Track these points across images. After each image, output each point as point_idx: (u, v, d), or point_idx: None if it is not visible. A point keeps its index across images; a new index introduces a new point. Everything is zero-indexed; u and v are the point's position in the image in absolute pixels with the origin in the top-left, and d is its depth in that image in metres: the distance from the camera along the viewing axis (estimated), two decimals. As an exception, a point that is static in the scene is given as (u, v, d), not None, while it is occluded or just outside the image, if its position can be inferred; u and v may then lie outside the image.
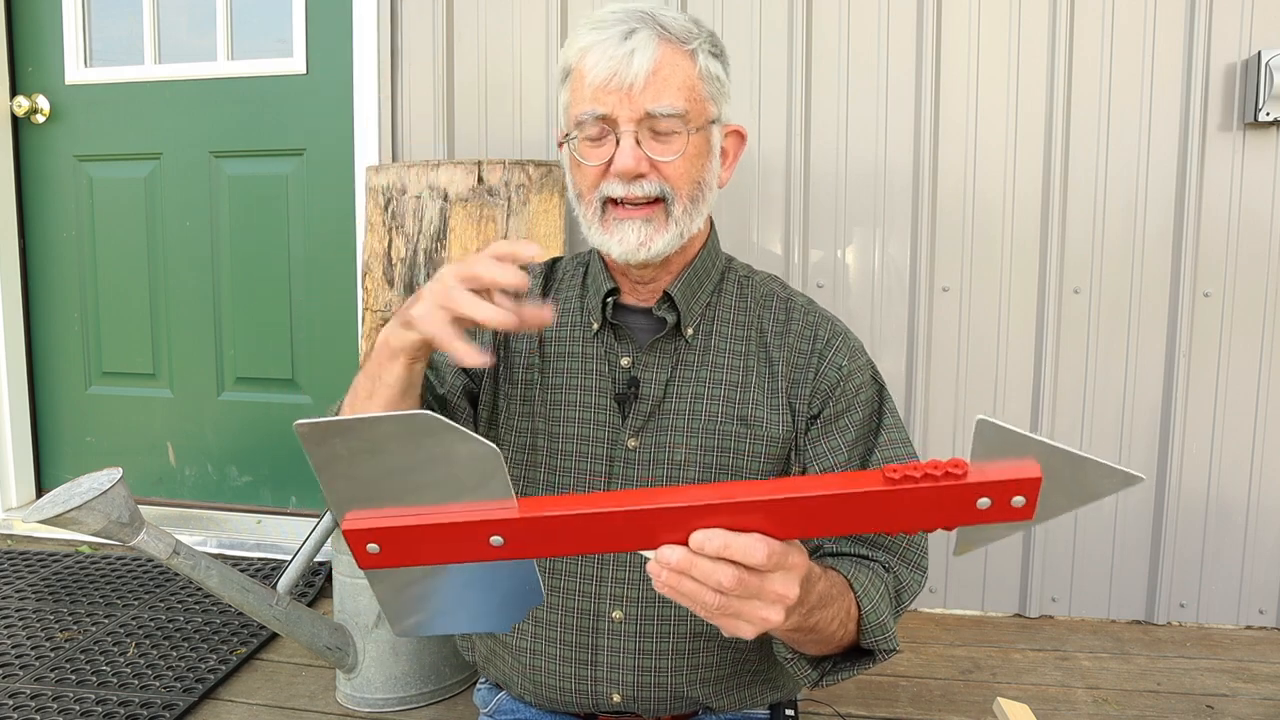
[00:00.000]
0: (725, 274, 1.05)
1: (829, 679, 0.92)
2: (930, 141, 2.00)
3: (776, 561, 0.61)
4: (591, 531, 0.59)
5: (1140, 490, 2.02)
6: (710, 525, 0.60)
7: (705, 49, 0.94)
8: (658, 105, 0.89)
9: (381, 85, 2.22)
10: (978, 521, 0.58)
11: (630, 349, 1.00)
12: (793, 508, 0.59)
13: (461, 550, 0.59)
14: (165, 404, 2.65)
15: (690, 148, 0.92)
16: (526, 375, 1.03)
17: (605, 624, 0.99)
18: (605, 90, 0.90)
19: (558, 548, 0.60)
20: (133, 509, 1.33)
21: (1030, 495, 0.56)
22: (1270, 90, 1.83)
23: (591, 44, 0.91)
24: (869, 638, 0.89)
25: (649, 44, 0.90)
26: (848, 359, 1.00)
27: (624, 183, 0.91)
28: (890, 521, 0.58)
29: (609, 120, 0.90)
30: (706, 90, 0.94)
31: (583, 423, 1.00)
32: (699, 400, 0.98)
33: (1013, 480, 0.56)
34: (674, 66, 0.91)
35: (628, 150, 0.90)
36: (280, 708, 1.63)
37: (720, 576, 0.60)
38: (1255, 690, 1.72)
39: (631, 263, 0.95)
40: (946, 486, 0.56)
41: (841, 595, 0.85)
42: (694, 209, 0.95)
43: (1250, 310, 1.95)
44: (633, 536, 0.61)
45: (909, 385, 2.06)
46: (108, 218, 2.61)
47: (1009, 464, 0.56)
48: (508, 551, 0.59)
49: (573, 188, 0.98)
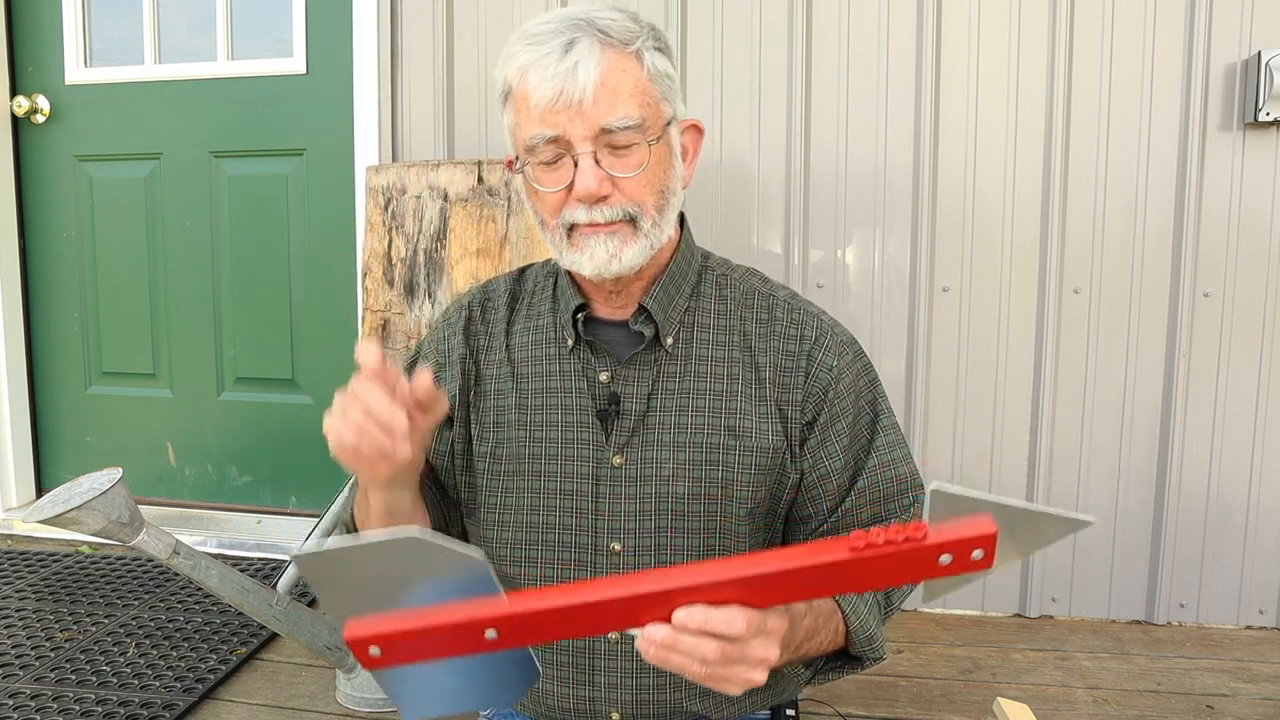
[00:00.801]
0: (702, 273, 1.01)
1: (820, 678, 0.96)
2: (930, 141, 2.00)
3: (755, 630, 0.66)
4: (578, 619, 0.65)
5: (1140, 490, 2.02)
6: (690, 602, 0.64)
7: (650, 46, 0.88)
8: (612, 119, 0.85)
9: (381, 85, 2.22)
10: (941, 575, 0.62)
11: (608, 363, 0.96)
12: (765, 582, 0.64)
13: (458, 645, 0.64)
14: (165, 404, 2.65)
15: (652, 159, 0.88)
16: (499, 400, 0.99)
17: (603, 643, 0.97)
18: (553, 110, 0.85)
19: (548, 635, 0.65)
20: (133, 509, 1.33)
21: (988, 549, 0.60)
22: (1270, 90, 1.83)
23: (531, 62, 0.86)
24: (856, 649, 0.92)
25: (592, 53, 0.84)
26: (837, 358, 0.96)
27: (587, 207, 0.87)
28: (859, 583, 0.63)
29: (562, 141, 0.86)
30: (658, 91, 0.89)
31: (565, 442, 0.96)
32: (684, 413, 0.94)
33: (971, 538, 0.60)
34: (622, 73, 0.85)
35: (588, 172, 0.85)
36: (280, 708, 1.63)
37: (704, 651, 0.65)
38: (1255, 690, 1.72)
39: (605, 276, 0.91)
40: (909, 550, 0.60)
41: (828, 619, 0.88)
42: (662, 219, 0.91)
43: (1250, 310, 1.95)
44: (618, 619, 0.66)
45: (909, 385, 2.06)
46: (108, 218, 2.61)
47: (966, 522, 0.60)
48: (502, 643, 0.64)
49: (534, 213, 0.94)
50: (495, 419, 0.99)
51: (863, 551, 0.60)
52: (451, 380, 1.01)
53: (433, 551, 0.60)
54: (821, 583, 0.63)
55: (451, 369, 1.01)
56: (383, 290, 1.90)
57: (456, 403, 1.00)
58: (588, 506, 0.95)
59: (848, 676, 0.97)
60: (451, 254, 1.84)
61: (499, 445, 0.99)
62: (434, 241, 1.84)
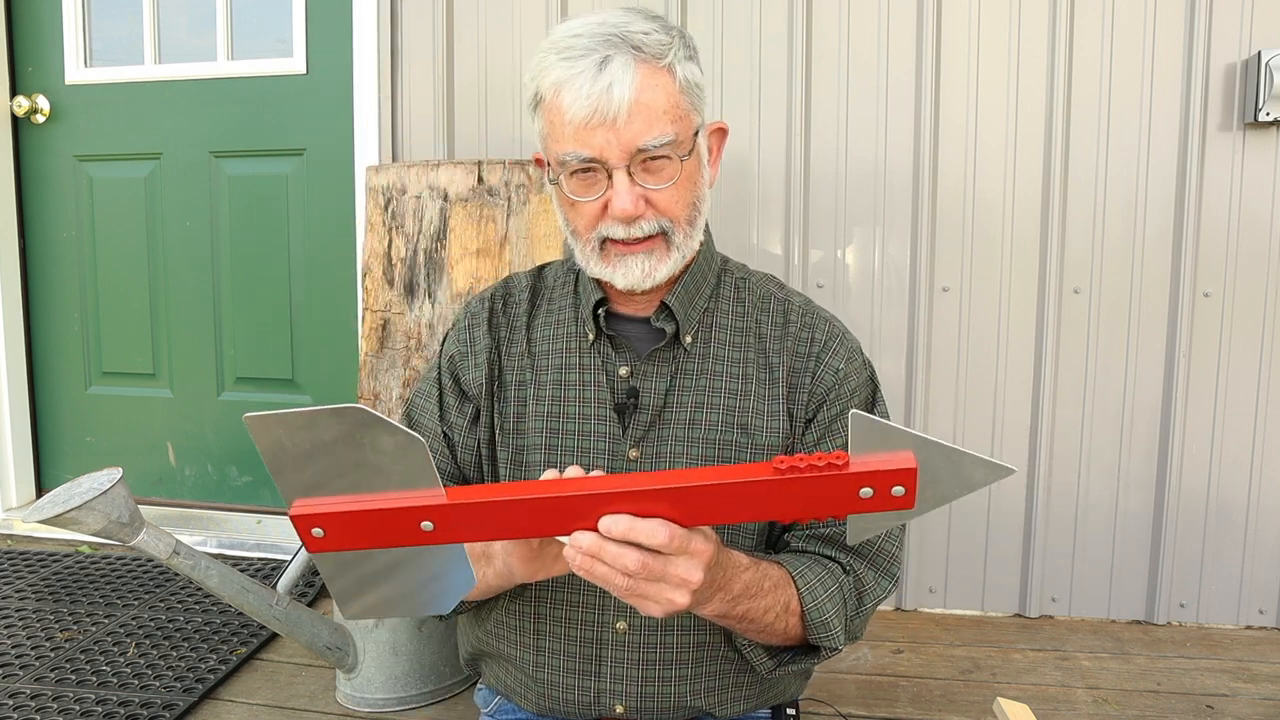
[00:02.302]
0: (721, 276, 1.04)
1: (783, 669, 0.97)
2: (930, 141, 2.00)
3: (679, 545, 0.68)
4: (510, 517, 0.67)
5: (1140, 490, 2.02)
6: (618, 511, 0.67)
7: (681, 57, 0.89)
8: (647, 139, 0.86)
9: (381, 85, 2.22)
10: (863, 510, 0.65)
11: (629, 358, 0.99)
12: (690, 495, 0.66)
13: (396, 535, 0.67)
14: (165, 404, 2.65)
15: (683, 174, 0.90)
16: (520, 391, 1.01)
17: (609, 635, 0.98)
18: (588, 129, 0.85)
19: (482, 533, 0.68)
20: (133, 509, 1.33)
21: (909, 485, 0.62)
22: (1270, 90, 1.83)
23: (565, 79, 0.86)
24: (812, 634, 0.92)
25: (627, 71, 0.85)
26: (844, 361, 0.99)
27: (624, 225, 0.89)
28: (784, 509, 0.65)
29: (597, 160, 0.87)
30: (689, 102, 0.90)
31: (582, 435, 0.98)
32: (699, 409, 0.97)
33: (891, 470, 0.62)
34: (655, 89, 0.86)
35: (624, 192, 0.87)
36: (280, 708, 1.63)
37: (626, 560, 0.67)
38: (1255, 690, 1.72)
39: (636, 291, 0.94)
40: (829, 476, 0.62)
41: (778, 588, 0.88)
42: (693, 230, 0.94)
43: (1250, 310, 1.95)
44: (549, 523, 0.69)
45: (909, 385, 2.06)
46: (108, 218, 2.61)
47: (887, 456, 0.62)
48: (438, 536, 0.67)
49: (565, 222, 0.95)
50: (516, 409, 1.01)
51: (785, 473, 0.63)
52: (477, 369, 1.03)
53: (375, 425, 0.63)
54: (747, 502, 0.65)
55: (477, 358, 1.03)
56: (383, 290, 1.90)
57: (483, 392, 1.02)
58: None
59: (847, 676, 0.97)
60: (451, 254, 1.84)
61: (519, 436, 1.01)
62: (434, 241, 1.84)
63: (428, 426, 1.05)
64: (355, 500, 0.65)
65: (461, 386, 1.04)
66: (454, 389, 1.04)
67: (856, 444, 0.63)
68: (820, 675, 1.75)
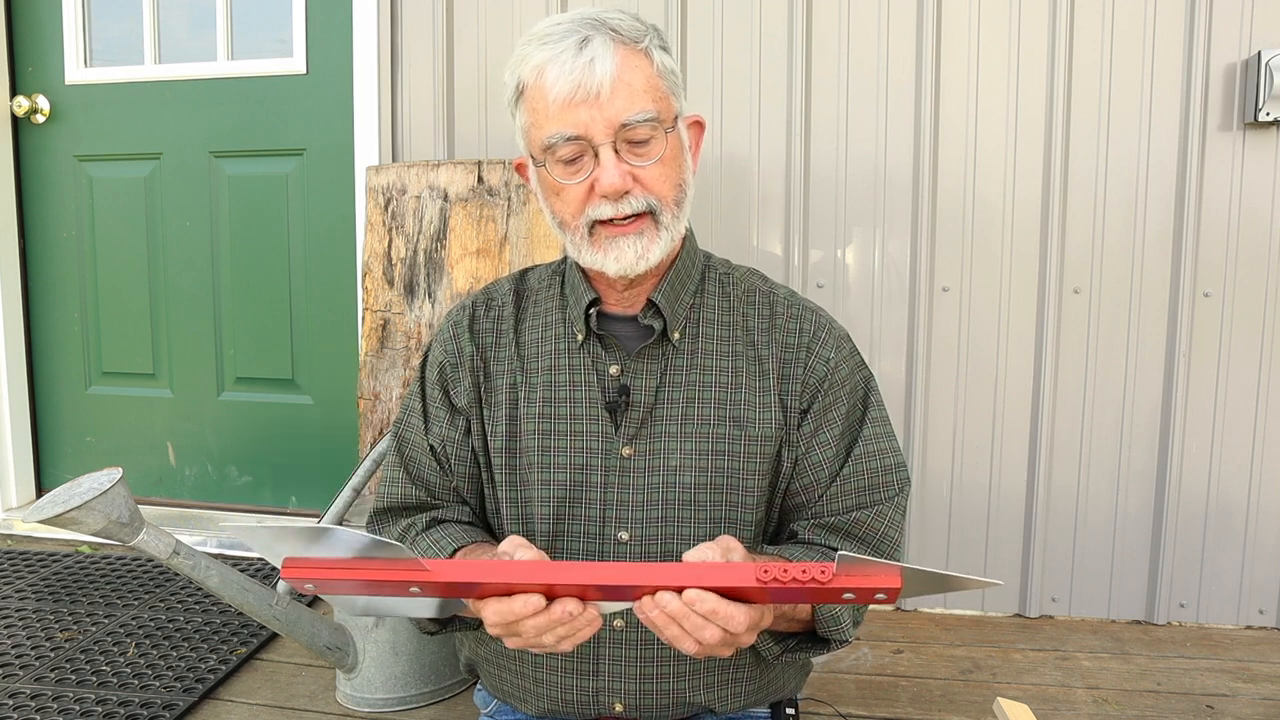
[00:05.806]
0: (705, 272, 1.04)
1: (789, 655, 0.98)
2: (930, 142, 2.00)
3: (751, 625, 0.73)
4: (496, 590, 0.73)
5: (1140, 490, 2.02)
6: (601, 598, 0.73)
7: (656, 44, 0.92)
8: (630, 113, 0.87)
9: (381, 85, 2.22)
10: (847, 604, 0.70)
11: (618, 357, 0.99)
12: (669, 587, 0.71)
13: (386, 591, 0.72)
14: (165, 404, 2.65)
15: (668, 150, 0.91)
16: (510, 394, 1.01)
17: (606, 633, 0.98)
18: (571, 105, 0.87)
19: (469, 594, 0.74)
20: (133, 509, 1.33)
21: (891, 596, 0.67)
22: (1270, 90, 1.83)
23: (547, 59, 0.88)
24: (822, 628, 0.93)
25: (606, 50, 0.87)
26: (834, 351, 1.00)
27: (612, 202, 0.89)
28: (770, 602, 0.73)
29: (583, 139, 0.88)
30: (666, 86, 0.92)
31: (575, 434, 0.98)
32: (691, 404, 0.97)
33: (875, 587, 0.66)
34: (634, 69, 0.88)
35: (611, 167, 0.88)
36: (280, 708, 1.63)
37: (707, 635, 0.71)
38: (1255, 690, 1.72)
39: (629, 275, 0.93)
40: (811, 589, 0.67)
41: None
42: (679, 211, 0.94)
43: (1250, 310, 1.95)
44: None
45: (909, 385, 2.06)
46: (108, 218, 2.61)
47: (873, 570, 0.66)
48: (426, 595, 0.73)
49: (551, 214, 0.96)
50: (508, 413, 1.01)
51: (768, 584, 0.68)
52: (464, 377, 1.03)
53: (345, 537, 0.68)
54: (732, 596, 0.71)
55: (462, 368, 1.03)
56: (383, 290, 1.90)
57: (470, 400, 1.02)
58: (596, 497, 0.97)
59: (847, 676, 0.98)
60: (451, 254, 1.84)
61: (511, 439, 1.01)
62: (434, 241, 1.84)
63: (417, 444, 1.05)
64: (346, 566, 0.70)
65: (450, 397, 1.04)
66: (443, 400, 1.04)
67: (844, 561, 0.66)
68: (820, 675, 1.75)
